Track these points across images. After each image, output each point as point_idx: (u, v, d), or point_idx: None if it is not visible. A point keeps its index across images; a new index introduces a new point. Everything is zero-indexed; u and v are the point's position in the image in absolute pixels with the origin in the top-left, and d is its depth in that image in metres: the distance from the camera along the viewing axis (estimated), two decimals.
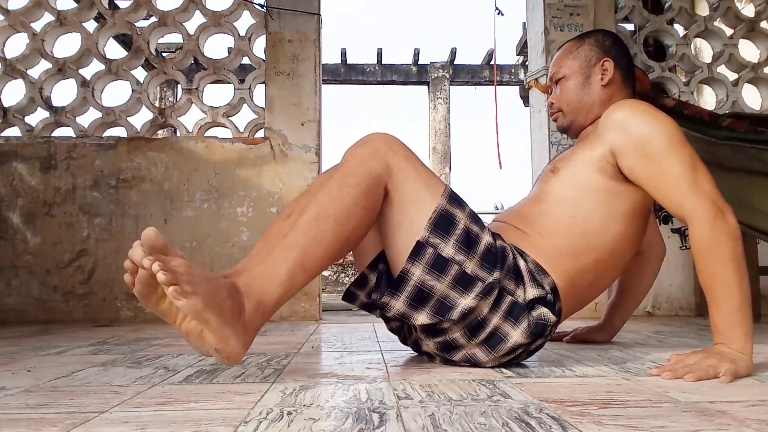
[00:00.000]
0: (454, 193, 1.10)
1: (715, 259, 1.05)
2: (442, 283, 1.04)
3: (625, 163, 1.15)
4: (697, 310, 2.55)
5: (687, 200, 1.09)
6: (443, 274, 1.04)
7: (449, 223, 1.05)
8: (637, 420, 0.72)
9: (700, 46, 4.32)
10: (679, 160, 1.10)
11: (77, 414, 0.79)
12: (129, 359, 1.31)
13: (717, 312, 1.06)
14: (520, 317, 1.08)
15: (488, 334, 1.09)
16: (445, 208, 1.06)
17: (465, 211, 1.08)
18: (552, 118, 1.40)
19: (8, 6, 2.64)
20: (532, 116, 2.85)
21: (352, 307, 2.71)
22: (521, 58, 8.55)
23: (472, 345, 1.11)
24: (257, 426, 0.71)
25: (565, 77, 1.34)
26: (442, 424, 0.71)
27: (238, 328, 0.90)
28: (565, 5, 2.68)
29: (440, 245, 1.04)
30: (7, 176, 2.49)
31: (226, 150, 2.55)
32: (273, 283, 0.95)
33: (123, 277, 0.89)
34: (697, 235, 1.07)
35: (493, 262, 1.06)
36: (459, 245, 1.05)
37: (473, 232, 1.07)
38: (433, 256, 1.04)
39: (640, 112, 1.15)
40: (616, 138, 1.15)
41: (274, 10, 2.63)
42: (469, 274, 1.04)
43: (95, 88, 2.64)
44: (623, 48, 1.35)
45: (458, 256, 1.04)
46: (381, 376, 1.07)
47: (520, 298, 1.09)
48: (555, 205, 1.19)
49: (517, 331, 1.08)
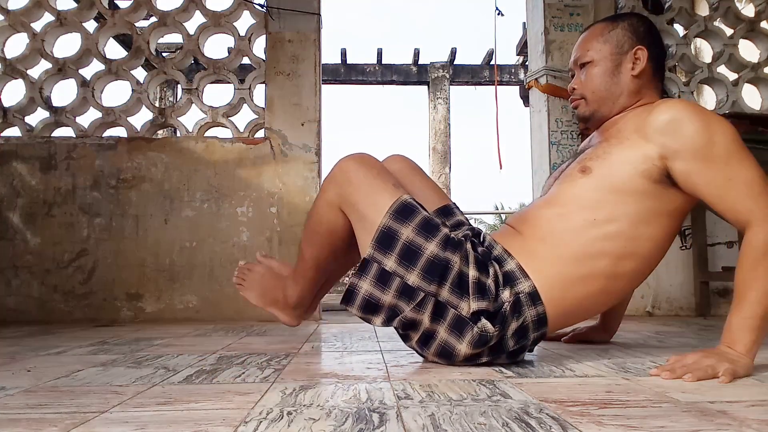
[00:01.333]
0: (403, 205, 1.13)
1: (763, 267, 1.03)
2: (387, 295, 1.11)
3: (679, 168, 1.09)
4: (697, 310, 2.55)
5: (758, 205, 1.05)
6: (387, 286, 1.11)
7: (390, 239, 1.12)
8: (637, 420, 0.72)
9: (700, 46, 4.33)
10: (747, 165, 1.07)
11: (77, 414, 0.79)
12: (129, 359, 1.31)
13: (738, 312, 1.04)
14: (464, 330, 1.10)
15: (438, 346, 1.14)
16: (388, 226, 1.12)
17: (411, 225, 1.12)
18: (572, 105, 1.31)
19: (8, 6, 2.64)
20: (532, 116, 2.85)
21: None
22: (521, 58, 8.55)
23: (429, 354, 1.17)
24: (257, 426, 0.71)
25: (593, 62, 1.24)
26: (442, 424, 0.71)
27: (280, 307, 1.43)
28: (565, 5, 2.68)
29: (383, 260, 1.11)
30: (7, 176, 2.49)
31: (226, 150, 2.55)
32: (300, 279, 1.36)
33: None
34: (762, 238, 1.04)
35: (434, 273, 1.09)
36: (400, 259, 1.11)
37: (415, 245, 1.11)
38: (378, 271, 1.12)
39: (695, 114, 1.09)
40: (668, 142, 1.09)
41: (274, 10, 2.63)
42: (410, 285, 1.10)
43: (95, 88, 2.64)
44: (657, 36, 1.26)
45: (399, 270, 1.10)
46: (381, 376, 1.07)
47: (464, 311, 1.09)
48: (575, 208, 1.14)
49: (463, 344, 1.11)
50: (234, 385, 0.98)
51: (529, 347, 1.20)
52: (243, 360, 1.28)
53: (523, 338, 1.14)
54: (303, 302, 1.41)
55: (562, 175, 1.25)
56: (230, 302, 2.45)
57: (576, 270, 1.14)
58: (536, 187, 2.71)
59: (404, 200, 1.14)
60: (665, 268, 2.57)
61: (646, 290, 2.56)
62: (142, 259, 2.46)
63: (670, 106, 1.12)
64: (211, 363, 1.23)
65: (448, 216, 1.35)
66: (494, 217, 13.03)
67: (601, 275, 1.14)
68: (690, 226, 2.58)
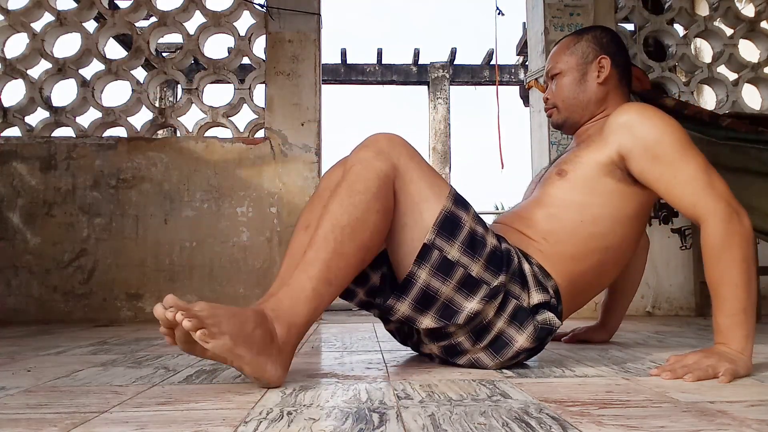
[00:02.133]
0: (458, 194, 1.09)
1: (726, 259, 1.05)
2: (447, 286, 1.03)
3: (634, 166, 1.15)
4: (697, 310, 2.55)
5: (701, 201, 1.08)
6: (449, 277, 1.03)
7: (455, 225, 1.04)
8: (637, 420, 0.72)
9: (700, 46, 4.32)
10: (691, 162, 1.11)
11: (77, 414, 0.79)
12: (129, 359, 1.31)
13: (721, 312, 1.06)
14: (525, 321, 1.08)
15: (493, 337, 1.09)
16: (451, 210, 1.05)
17: (470, 214, 1.07)
18: (546, 113, 1.39)
19: (8, 6, 2.64)
20: (532, 116, 2.85)
21: (352, 307, 2.71)
22: (521, 58, 8.55)
23: (477, 349, 1.10)
24: (257, 426, 0.71)
25: (561, 73, 1.33)
26: (442, 424, 0.71)
27: (273, 355, 0.92)
28: (565, 5, 2.68)
29: (446, 248, 1.03)
30: (7, 176, 2.49)
31: (226, 150, 2.55)
32: (300, 302, 0.95)
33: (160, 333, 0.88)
34: (710, 235, 1.07)
35: (498, 265, 1.06)
36: (464, 248, 1.04)
37: (478, 235, 1.06)
38: (439, 259, 1.02)
39: (647, 116, 1.15)
40: (624, 141, 1.14)
41: (274, 10, 2.63)
42: (474, 277, 1.04)
43: (95, 88, 2.64)
44: (621, 45, 1.34)
45: (464, 259, 1.03)
46: (381, 376, 1.07)
47: (525, 302, 1.09)
48: (562, 209, 1.19)
49: (523, 335, 1.08)
50: (234, 385, 0.98)
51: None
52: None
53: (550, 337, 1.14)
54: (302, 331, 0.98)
55: (542, 179, 1.30)
56: (230, 302, 2.44)
57: (576, 268, 1.17)
58: None
59: (455, 189, 1.10)
60: (665, 268, 2.57)
61: (646, 290, 2.56)
62: (142, 259, 2.46)
63: (626, 109, 1.18)
64: (211, 363, 1.23)
65: None
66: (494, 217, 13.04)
67: (592, 272, 1.19)
68: (690, 226, 2.58)
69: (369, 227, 0.98)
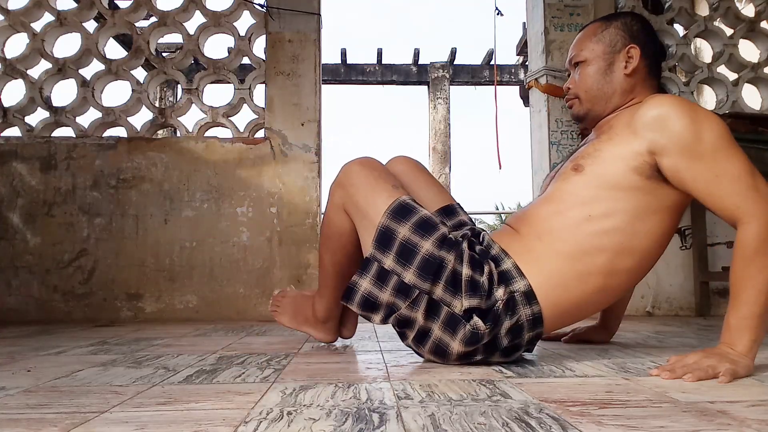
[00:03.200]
0: (401, 205, 1.16)
1: (759, 263, 1.02)
2: (384, 293, 1.14)
3: (668, 164, 1.08)
4: (697, 310, 2.55)
5: (746, 202, 1.04)
6: (384, 284, 1.14)
7: (389, 238, 1.14)
8: (637, 420, 0.72)
9: (700, 46, 4.32)
10: (734, 161, 1.05)
11: (77, 414, 0.79)
12: (129, 359, 1.31)
13: (735, 312, 1.04)
14: (456, 327, 1.10)
15: (433, 344, 1.15)
16: (386, 225, 1.15)
17: (408, 224, 1.14)
18: (567, 104, 1.31)
19: (8, 6, 2.64)
20: (532, 116, 2.85)
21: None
22: (521, 58, 8.55)
23: (424, 353, 1.19)
24: (257, 426, 0.71)
25: (586, 62, 1.25)
26: (442, 424, 0.71)
27: (312, 324, 1.50)
28: (565, 5, 2.68)
29: (382, 259, 1.14)
30: (7, 176, 2.49)
31: (226, 150, 2.55)
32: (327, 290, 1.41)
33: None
34: (750, 236, 1.03)
35: (429, 271, 1.11)
36: (398, 258, 1.13)
37: (411, 243, 1.13)
38: (377, 269, 1.15)
39: (684, 109, 1.08)
40: (656, 137, 1.08)
41: (274, 10, 2.63)
42: (407, 283, 1.12)
43: (95, 88, 2.64)
44: (652, 34, 1.25)
45: (397, 268, 1.13)
46: (381, 376, 1.07)
47: (456, 309, 1.10)
48: (571, 205, 1.14)
49: (455, 341, 1.11)
50: (234, 385, 0.98)
51: (525, 347, 1.19)
52: (243, 360, 1.28)
53: (518, 337, 1.14)
54: (332, 314, 1.45)
55: (557, 174, 1.26)
56: (230, 302, 2.45)
57: (573, 267, 1.13)
58: (536, 187, 2.71)
59: (402, 200, 1.18)
60: (665, 268, 2.57)
61: (646, 290, 2.56)
62: (142, 259, 2.46)
63: (658, 101, 1.11)
64: (211, 363, 1.23)
65: (451, 216, 1.35)
66: (494, 217, 13.04)
67: (598, 272, 1.14)
68: (690, 226, 2.58)
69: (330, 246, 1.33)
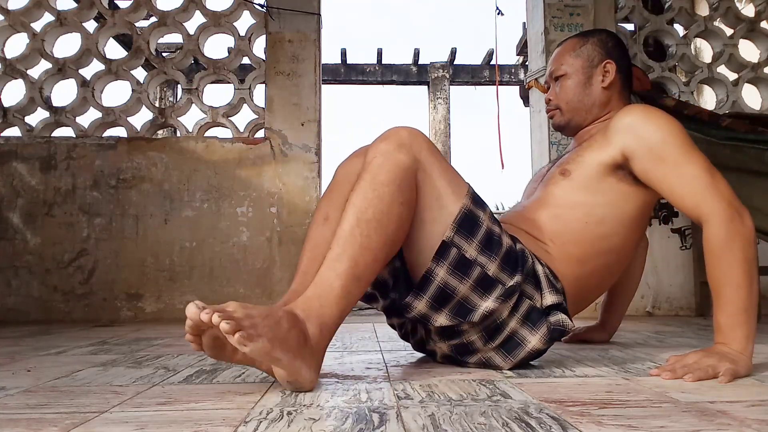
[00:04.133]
0: (476, 193, 1.09)
1: (728, 259, 1.05)
2: (464, 285, 1.02)
3: (638, 166, 1.15)
4: (697, 310, 2.55)
5: (704, 201, 1.09)
6: (466, 275, 1.02)
7: (473, 223, 1.03)
8: (637, 420, 0.72)
9: (700, 46, 4.32)
10: (694, 163, 1.11)
11: (77, 414, 0.79)
12: (129, 359, 1.31)
13: (722, 311, 1.06)
14: (538, 322, 1.08)
15: (505, 338, 1.08)
16: (470, 209, 1.04)
17: (486, 213, 1.07)
18: (548, 115, 1.39)
19: (8, 6, 2.64)
20: (532, 116, 2.85)
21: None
22: (521, 58, 8.55)
23: (489, 349, 1.10)
24: (257, 426, 0.71)
25: (566, 75, 1.32)
26: (442, 424, 0.71)
27: (306, 357, 0.90)
28: (565, 5, 2.68)
29: (464, 246, 1.02)
30: (7, 176, 2.49)
31: (226, 150, 2.55)
32: (330, 302, 0.93)
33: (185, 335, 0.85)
34: (712, 235, 1.07)
35: (513, 265, 1.06)
36: (482, 247, 1.03)
37: (495, 234, 1.05)
38: (457, 257, 1.02)
39: (652, 117, 1.16)
40: (628, 142, 1.15)
41: (274, 10, 2.63)
42: (490, 276, 1.03)
43: (95, 88, 2.64)
44: (624, 50, 1.35)
45: (481, 258, 1.03)
46: (381, 376, 1.07)
47: (538, 303, 1.09)
48: (567, 210, 1.19)
49: (536, 336, 1.08)
50: (234, 385, 0.98)
51: None
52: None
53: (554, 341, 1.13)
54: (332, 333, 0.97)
55: (544, 178, 1.30)
56: None
57: (583, 270, 1.18)
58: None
59: (472, 189, 1.09)
60: (665, 268, 2.57)
61: (646, 290, 2.56)
62: (142, 259, 2.46)
63: (630, 110, 1.19)
64: (211, 363, 1.23)
65: None
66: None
67: (599, 273, 1.20)
68: (690, 226, 2.58)
69: (394, 220, 0.97)
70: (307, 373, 0.90)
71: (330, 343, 0.97)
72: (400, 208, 0.98)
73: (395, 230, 0.97)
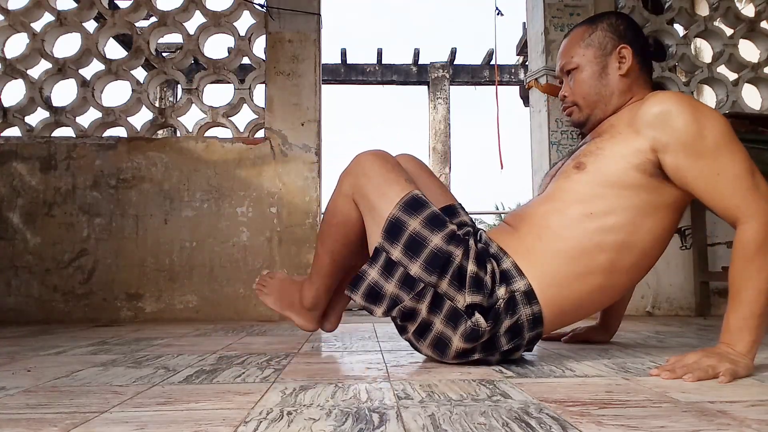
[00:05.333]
0: (413, 199, 1.16)
1: (759, 263, 1.02)
2: (389, 284, 1.14)
3: (670, 162, 1.08)
4: (697, 310, 2.55)
5: (746, 202, 1.04)
6: (390, 275, 1.14)
7: (398, 230, 1.14)
8: (637, 420, 0.72)
9: (700, 46, 4.32)
10: (736, 160, 1.05)
11: (77, 414, 0.79)
12: (129, 359, 1.31)
13: (735, 313, 1.04)
14: (458, 322, 1.10)
15: (433, 337, 1.15)
16: (396, 216, 1.15)
17: (419, 218, 1.14)
18: (565, 112, 1.30)
19: (8, 6, 2.64)
20: (532, 116, 2.85)
21: (352, 307, 2.71)
22: (521, 58, 8.55)
23: (424, 346, 1.19)
24: (257, 426, 0.71)
25: (579, 68, 1.24)
26: (442, 424, 0.71)
27: (296, 310, 1.46)
28: (565, 5, 2.68)
29: (390, 249, 1.14)
30: (7, 176, 2.49)
31: (226, 150, 2.55)
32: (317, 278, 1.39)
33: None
34: (750, 236, 1.03)
35: (436, 265, 1.10)
36: (405, 249, 1.13)
37: (420, 237, 1.13)
38: (385, 260, 1.15)
39: (686, 106, 1.07)
40: (659, 134, 1.07)
41: (274, 10, 2.63)
42: (412, 276, 1.12)
43: (95, 88, 2.64)
44: (638, 31, 1.25)
45: (404, 260, 1.13)
46: (381, 376, 1.07)
47: (459, 304, 1.10)
48: (569, 204, 1.13)
49: (456, 335, 1.11)
50: (234, 385, 0.98)
51: (525, 347, 1.19)
52: (243, 360, 1.28)
53: (517, 337, 1.13)
54: (318, 303, 1.44)
55: (558, 172, 1.25)
56: (230, 302, 2.45)
57: (573, 267, 1.12)
58: (536, 187, 2.71)
59: (415, 194, 1.18)
60: (665, 268, 2.57)
61: (646, 290, 2.56)
62: (142, 259, 2.46)
63: (660, 98, 1.10)
64: (211, 363, 1.23)
65: (452, 216, 1.34)
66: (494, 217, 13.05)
67: (599, 271, 1.13)
68: (690, 226, 2.58)
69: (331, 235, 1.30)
70: (297, 319, 1.47)
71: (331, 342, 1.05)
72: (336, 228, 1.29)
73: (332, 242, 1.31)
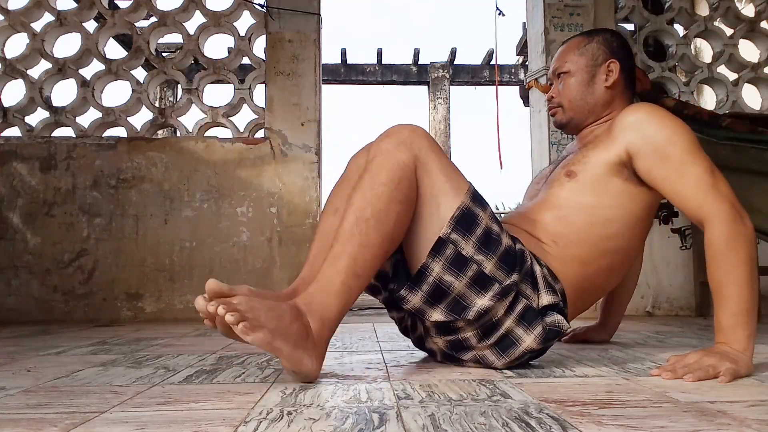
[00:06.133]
0: (477, 191, 1.10)
1: (730, 260, 1.06)
2: (460, 282, 1.03)
3: (641, 165, 1.15)
4: (697, 310, 2.55)
5: (707, 202, 1.09)
6: (462, 272, 1.03)
7: (471, 221, 1.05)
8: (637, 420, 0.72)
9: (700, 46, 4.32)
10: (697, 164, 1.12)
11: (77, 414, 0.79)
12: (129, 359, 1.31)
13: (723, 311, 1.06)
14: (533, 322, 1.08)
15: (500, 336, 1.09)
16: (468, 207, 1.05)
17: (486, 212, 1.08)
18: (550, 113, 1.39)
19: (8, 6, 2.64)
20: (532, 116, 2.85)
21: (352, 307, 2.71)
22: (521, 58, 8.55)
23: (483, 347, 1.10)
24: (257, 426, 0.71)
25: (570, 73, 1.32)
26: (442, 424, 0.71)
27: (309, 348, 0.95)
28: (565, 5, 2.68)
29: (461, 243, 1.03)
30: (7, 176, 2.49)
31: (226, 150, 2.55)
32: (331, 296, 0.98)
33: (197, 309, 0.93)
34: (715, 235, 1.08)
35: (511, 264, 1.06)
36: (479, 245, 1.04)
37: (494, 233, 1.06)
38: (453, 254, 1.03)
39: (657, 116, 1.16)
40: (633, 139, 1.15)
41: (274, 10, 2.63)
42: (487, 274, 1.04)
43: (95, 88, 2.64)
44: (629, 51, 1.35)
45: (478, 256, 1.04)
46: (381, 376, 1.07)
47: (535, 303, 1.09)
48: (572, 211, 1.19)
49: (531, 336, 1.08)
50: (234, 385, 0.98)
51: None
52: (243, 360, 1.28)
53: (551, 341, 1.13)
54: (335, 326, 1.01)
55: (548, 180, 1.29)
56: None
57: (584, 270, 1.18)
58: None
59: (473, 187, 1.10)
60: (665, 268, 2.57)
61: (646, 290, 2.56)
62: (142, 259, 2.46)
63: (636, 108, 1.19)
64: (211, 363, 1.23)
65: None
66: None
67: (601, 274, 1.20)
68: (690, 226, 2.58)
69: (392, 218, 1.00)
70: (309, 363, 0.95)
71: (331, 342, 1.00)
72: (399, 207, 1.01)
73: (393, 228, 1.01)
